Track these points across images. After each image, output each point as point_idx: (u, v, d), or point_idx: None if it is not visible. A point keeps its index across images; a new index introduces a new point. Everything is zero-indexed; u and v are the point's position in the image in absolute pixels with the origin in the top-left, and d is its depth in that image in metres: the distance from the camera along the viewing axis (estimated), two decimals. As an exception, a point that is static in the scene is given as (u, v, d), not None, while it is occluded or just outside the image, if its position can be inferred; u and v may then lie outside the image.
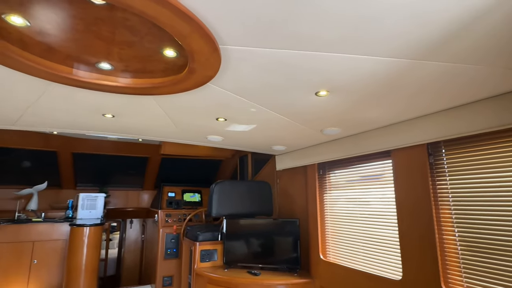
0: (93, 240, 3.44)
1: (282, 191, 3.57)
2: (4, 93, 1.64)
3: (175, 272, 4.12)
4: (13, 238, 3.81)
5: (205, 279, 2.91)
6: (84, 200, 4.34)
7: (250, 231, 3.14)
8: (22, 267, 3.79)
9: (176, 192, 4.71)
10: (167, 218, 4.27)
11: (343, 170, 2.64)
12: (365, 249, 2.30)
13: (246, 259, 3.06)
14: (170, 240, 4.19)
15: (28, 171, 4.67)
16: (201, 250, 3.17)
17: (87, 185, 5.31)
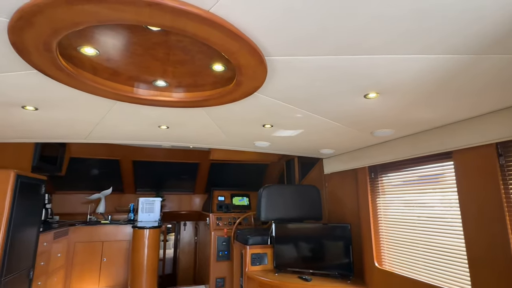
0: (153, 241, 3.71)
1: (331, 195, 3.49)
2: (77, 113, 1.87)
3: (227, 274, 4.25)
4: (86, 238, 4.28)
5: (256, 283, 2.95)
6: (143, 204, 4.70)
7: (300, 236, 3.12)
8: (94, 264, 4.23)
9: (225, 196, 4.87)
10: (218, 221, 4.43)
11: (397, 173, 2.49)
12: (425, 257, 2.14)
13: (296, 263, 3.04)
14: (222, 242, 4.34)
15: (96, 178, 5.21)
16: (252, 254, 3.23)
17: (145, 189, 5.75)
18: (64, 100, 1.66)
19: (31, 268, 2.90)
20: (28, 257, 2.85)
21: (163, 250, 5.13)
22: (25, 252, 2.78)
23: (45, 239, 3.33)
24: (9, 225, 2.45)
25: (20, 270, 2.70)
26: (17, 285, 2.67)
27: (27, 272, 2.85)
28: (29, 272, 2.88)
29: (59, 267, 3.84)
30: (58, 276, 3.83)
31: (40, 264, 3.22)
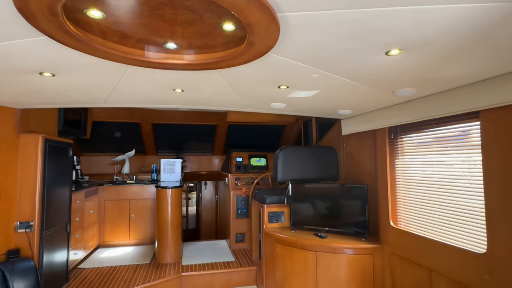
0: (175, 200, 3.92)
1: (349, 156, 3.46)
2: (93, 78, 1.88)
3: (246, 230, 4.48)
4: (115, 197, 4.58)
5: (274, 239, 3.11)
6: (165, 165, 4.89)
7: (316, 195, 3.18)
8: (124, 220, 4.58)
9: (243, 157, 4.96)
10: (236, 181, 4.57)
11: (418, 134, 2.40)
12: (441, 216, 2.13)
13: (312, 221, 3.14)
14: (240, 201, 4.52)
15: (120, 141, 5.42)
16: (269, 212, 3.36)
17: (166, 151, 5.94)
18: (78, 66, 1.67)
19: (67, 223, 3.19)
20: (64, 213, 3.11)
21: (185, 208, 5.42)
22: (60, 209, 3.04)
23: (77, 197, 3.59)
24: (43, 185, 2.64)
25: (58, 224, 2.97)
26: (57, 237, 2.96)
27: (65, 226, 3.13)
28: (66, 226, 3.17)
29: (92, 222, 4.19)
30: (93, 230, 4.19)
31: (75, 219, 3.52)
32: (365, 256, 2.65)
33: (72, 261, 3.48)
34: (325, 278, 2.69)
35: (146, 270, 3.55)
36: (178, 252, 3.91)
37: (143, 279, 3.30)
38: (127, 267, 3.68)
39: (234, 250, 4.32)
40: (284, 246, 2.98)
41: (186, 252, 4.21)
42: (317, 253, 2.74)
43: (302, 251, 2.82)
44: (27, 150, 2.59)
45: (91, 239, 4.09)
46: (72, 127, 3.80)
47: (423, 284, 2.18)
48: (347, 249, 2.67)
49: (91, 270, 3.58)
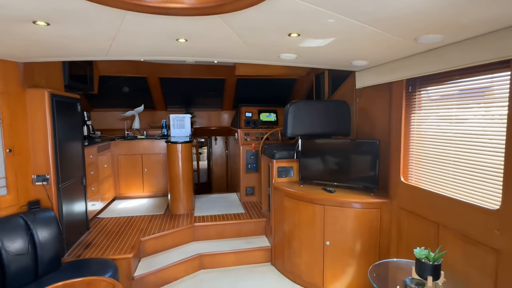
0: (185, 155, 3.96)
1: (362, 110, 3.33)
2: (90, 27, 1.76)
3: (255, 184, 4.58)
4: (127, 152, 4.67)
5: (282, 193, 3.15)
6: (174, 121, 4.88)
7: (326, 150, 3.14)
8: (137, 174, 4.72)
9: (252, 112, 4.87)
10: (245, 136, 4.55)
11: (438, 86, 2.24)
12: (454, 173, 2.07)
13: (321, 176, 3.15)
14: (250, 156, 4.54)
15: (128, 96, 5.37)
16: (278, 167, 3.37)
17: (175, 107, 5.89)
18: (72, 13, 1.55)
19: (83, 176, 3.30)
20: (78, 167, 3.20)
21: (196, 162, 5.52)
22: (74, 163, 3.11)
23: (90, 152, 3.67)
24: (54, 140, 2.67)
25: (73, 178, 3.07)
26: (74, 190, 3.09)
27: (80, 179, 3.24)
28: (82, 179, 3.28)
29: (107, 175, 4.33)
30: (108, 183, 4.35)
31: (90, 173, 3.63)
32: (372, 210, 2.68)
33: (91, 211, 3.67)
34: (332, 230, 2.76)
35: (161, 220, 3.73)
36: (190, 204, 4.07)
37: (158, 228, 3.49)
38: (142, 217, 3.88)
39: (244, 203, 4.46)
40: (292, 199, 3.03)
41: (198, 204, 4.38)
42: (325, 207, 2.78)
43: (310, 204, 2.87)
44: (34, 105, 2.58)
45: (107, 191, 4.27)
46: (78, 81, 3.74)
47: (429, 237, 2.21)
48: (355, 203, 2.69)
49: (109, 219, 3.80)
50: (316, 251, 2.86)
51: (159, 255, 3.27)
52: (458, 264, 1.96)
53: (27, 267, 2.30)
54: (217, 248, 3.45)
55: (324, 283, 2.85)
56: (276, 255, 3.37)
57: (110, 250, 2.91)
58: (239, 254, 3.42)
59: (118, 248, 2.96)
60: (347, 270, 2.75)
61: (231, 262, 3.40)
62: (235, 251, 3.41)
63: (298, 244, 3.01)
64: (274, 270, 3.36)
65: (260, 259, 3.47)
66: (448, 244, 2.02)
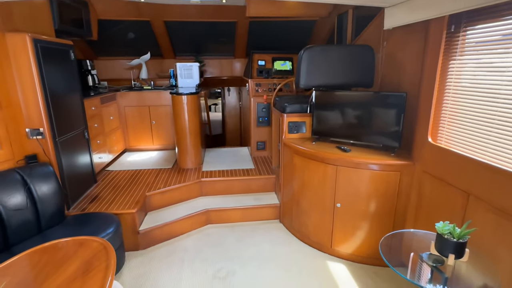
0: (192, 107, 3.72)
1: (389, 57, 2.84)
2: None
3: (267, 138, 4.34)
4: (134, 103, 4.49)
5: (292, 150, 2.90)
6: (182, 70, 4.56)
7: (343, 104, 2.77)
8: (146, 126, 4.59)
9: (266, 60, 4.43)
10: (257, 87, 4.19)
11: (493, 24, 1.75)
12: (498, 136, 1.70)
13: (336, 133, 2.83)
14: (261, 109, 4.23)
15: (134, 43, 5.01)
16: (289, 122, 3.07)
17: (185, 54, 5.50)
18: None
19: (84, 129, 3.17)
20: (78, 120, 3.06)
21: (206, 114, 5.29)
22: (73, 115, 2.96)
23: (92, 104, 3.50)
24: (44, 91, 2.48)
25: (73, 131, 2.94)
26: (75, 143, 2.98)
27: (82, 132, 3.13)
28: (84, 132, 3.16)
29: (115, 128, 4.23)
30: (116, 135, 4.27)
31: (93, 126, 3.51)
32: (391, 173, 2.39)
33: (99, 164, 3.64)
34: (344, 192, 2.54)
35: (168, 174, 3.66)
36: (198, 158, 3.94)
37: (164, 182, 3.42)
38: (150, 170, 3.82)
39: (255, 158, 4.29)
40: (302, 158, 2.78)
41: (208, 158, 4.26)
42: (338, 167, 2.52)
43: (321, 164, 2.62)
44: (17, 52, 2.34)
45: (115, 144, 4.21)
46: (73, 26, 3.43)
47: (455, 208, 1.93)
48: (373, 165, 2.40)
49: (118, 172, 3.77)
50: (325, 212, 2.69)
51: (165, 209, 3.24)
52: (486, 241, 1.70)
53: (28, 221, 2.29)
54: (224, 203, 3.37)
55: (332, 244, 2.73)
56: (284, 212, 3.25)
57: (115, 205, 2.88)
58: (247, 211, 3.33)
59: (123, 202, 2.93)
60: (358, 233, 2.58)
61: (238, 218, 3.34)
62: (242, 207, 3.32)
63: (307, 204, 2.84)
64: (282, 227, 3.27)
65: (268, 216, 3.38)
66: (478, 218, 1.74)
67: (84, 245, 1.79)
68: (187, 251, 2.86)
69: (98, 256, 1.68)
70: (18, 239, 2.23)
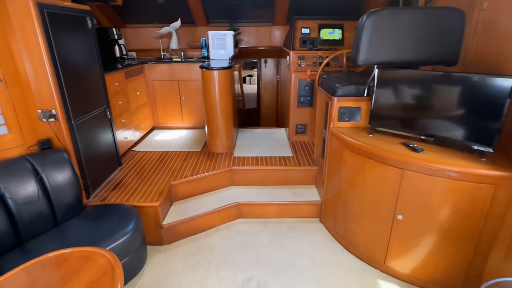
0: (224, 84, 3.25)
1: (487, 23, 2.09)
2: None
3: (308, 121, 3.79)
4: (162, 77, 4.11)
5: (343, 143, 2.36)
6: (214, 39, 4.04)
7: (415, 88, 2.13)
8: (175, 103, 4.23)
9: (311, 27, 3.74)
10: (299, 61, 3.57)
11: None
12: None
13: (403, 125, 2.22)
14: (304, 87, 3.64)
15: (164, 8, 4.53)
16: (340, 108, 2.49)
17: (218, 21, 4.93)
18: None
19: (106, 108, 2.86)
20: (98, 98, 2.74)
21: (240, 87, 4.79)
22: (92, 93, 2.64)
23: (114, 79, 3.16)
24: (54, 65, 2.14)
25: (93, 111, 2.64)
26: (96, 125, 2.69)
27: (103, 112, 2.82)
28: (105, 111, 2.85)
29: (142, 104, 3.92)
30: (144, 112, 3.97)
31: (117, 103, 3.19)
32: (481, 186, 1.78)
33: (125, 144, 3.38)
34: (410, 203, 1.99)
35: (196, 160, 3.31)
36: (230, 141, 3.53)
37: (192, 169, 3.08)
38: (178, 153, 3.50)
39: (293, 143, 3.78)
40: (355, 154, 2.24)
41: (240, 141, 3.84)
42: (404, 171, 1.96)
43: (381, 165, 2.06)
44: (21, 19, 1.98)
45: (143, 121, 3.92)
46: (92, -12, 3.01)
47: None
48: (455, 173, 1.81)
49: (144, 154, 3.50)
50: (381, 222, 2.18)
51: (192, 199, 2.92)
52: None
53: (42, 214, 2.06)
54: (257, 196, 2.97)
55: (386, 260, 2.24)
56: (326, 212, 2.79)
57: (138, 195, 2.60)
58: (283, 206, 2.91)
59: (146, 192, 2.64)
60: (421, 253, 2.06)
61: (273, 214, 2.94)
62: (278, 202, 2.90)
63: (356, 209, 2.34)
64: (323, 228, 2.83)
65: (307, 214, 2.94)
66: None
67: (90, 261, 1.49)
68: (214, 250, 2.55)
69: (103, 280, 1.37)
70: (32, 234, 2.03)
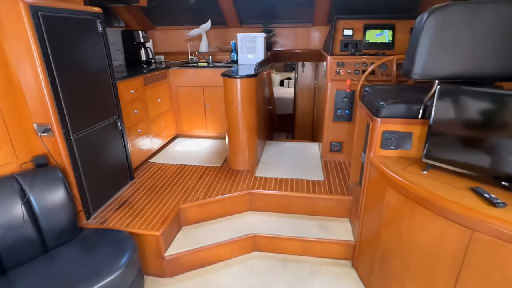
0: (248, 94, 2.86)
1: None
2: None
3: (345, 139, 3.24)
4: (186, 82, 3.84)
5: (385, 178, 1.82)
6: (242, 42, 3.66)
7: (492, 113, 1.52)
8: (199, 110, 3.94)
9: (355, 28, 3.20)
10: (338, 68, 3.05)
11: None
12: None
13: (472, 162, 1.62)
14: (342, 98, 3.11)
15: (194, 8, 4.27)
16: (384, 132, 1.95)
17: (253, 22, 4.55)
18: None
19: (117, 119, 2.63)
20: (107, 108, 2.51)
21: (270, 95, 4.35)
22: (99, 103, 2.41)
23: (130, 86, 2.93)
24: (50, 75, 1.92)
25: (99, 122, 2.41)
26: (103, 138, 2.47)
27: (114, 123, 2.59)
28: (116, 122, 2.63)
29: (164, 111, 3.68)
30: (166, 119, 3.73)
31: (133, 112, 2.97)
32: None
33: (142, 154, 3.16)
34: (480, 278, 1.40)
35: (213, 177, 2.96)
36: (253, 158, 3.13)
37: (206, 189, 2.73)
38: (195, 168, 3.19)
39: (326, 162, 3.26)
40: (402, 196, 1.70)
41: (266, 156, 3.41)
42: (474, 233, 1.38)
43: (438, 218, 1.50)
44: (12, 24, 1.78)
45: (164, 130, 3.69)
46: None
47: None
48: (559, 248, 1.20)
49: (160, 166, 3.24)
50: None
51: (203, 225, 2.58)
52: None
53: (28, 241, 1.85)
54: (278, 227, 2.54)
55: None
56: (361, 254, 2.26)
57: (141, 218, 2.32)
58: (308, 243, 2.44)
59: (151, 214, 2.35)
60: None
61: (295, 250, 2.48)
62: (302, 238, 2.43)
63: (400, 266, 1.79)
64: (355, 276, 2.30)
65: (335, 254, 2.43)
66: None
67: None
68: (221, 292, 2.18)
69: None
70: (16, 262, 1.82)
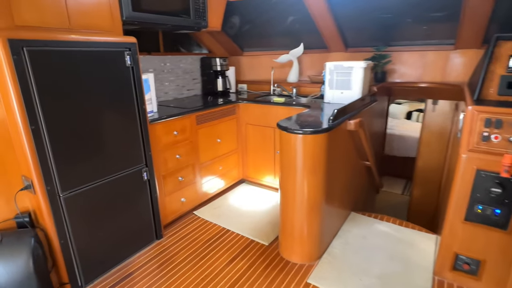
0: (313, 157, 1.88)
1: None
2: None
3: (489, 256, 1.75)
4: (256, 121, 3.13)
5: None
6: (333, 74, 2.67)
7: None
8: (268, 155, 3.15)
9: (536, 56, 1.72)
10: (488, 129, 1.66)
11: None
12: None
13: None
14: (490, 186, 1.68)
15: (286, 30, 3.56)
16: None
17: (362, 44, 3.47)
18: None
19: (143, 167, 2.15)
20: (126, 156, 2.04)
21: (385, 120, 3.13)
22: (113, 152, 1.96)
23: (173, 127, 2.42)
24: (32, 115, 1.54)
25: (112, 174, 1.95)
26: (122, 191, 2.01)
27: (138, 172, 2.11)
28: (141, 172, 2.14)
29: (224, 153, 3.07)
30: (227, 163, 3.11)
31: (174, 157, 2.45)
32: None
33: (183, 205, 2.62)
34: None
35: (247, 266, 2.08)
36: (314, 250, 2.09)
37: (232, 284, 1.89)
38: (236, 239, 2.39)
39: (443, 285, 1.86)
40: None
41: (339, 243, 2.27)
42: None
43: None
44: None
45: (223, 175, 3.06)
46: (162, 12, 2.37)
47: None
48: None
49: (200, 225, 2.60)
50: None
51: None
52: None
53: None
54: None
55: None
56: None
57: (126, 315, 1.70)
58: None
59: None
60: None
61: None
62: None
63: None
64: None
65: None
66: None
67: None
68: None
69: None
70: None
